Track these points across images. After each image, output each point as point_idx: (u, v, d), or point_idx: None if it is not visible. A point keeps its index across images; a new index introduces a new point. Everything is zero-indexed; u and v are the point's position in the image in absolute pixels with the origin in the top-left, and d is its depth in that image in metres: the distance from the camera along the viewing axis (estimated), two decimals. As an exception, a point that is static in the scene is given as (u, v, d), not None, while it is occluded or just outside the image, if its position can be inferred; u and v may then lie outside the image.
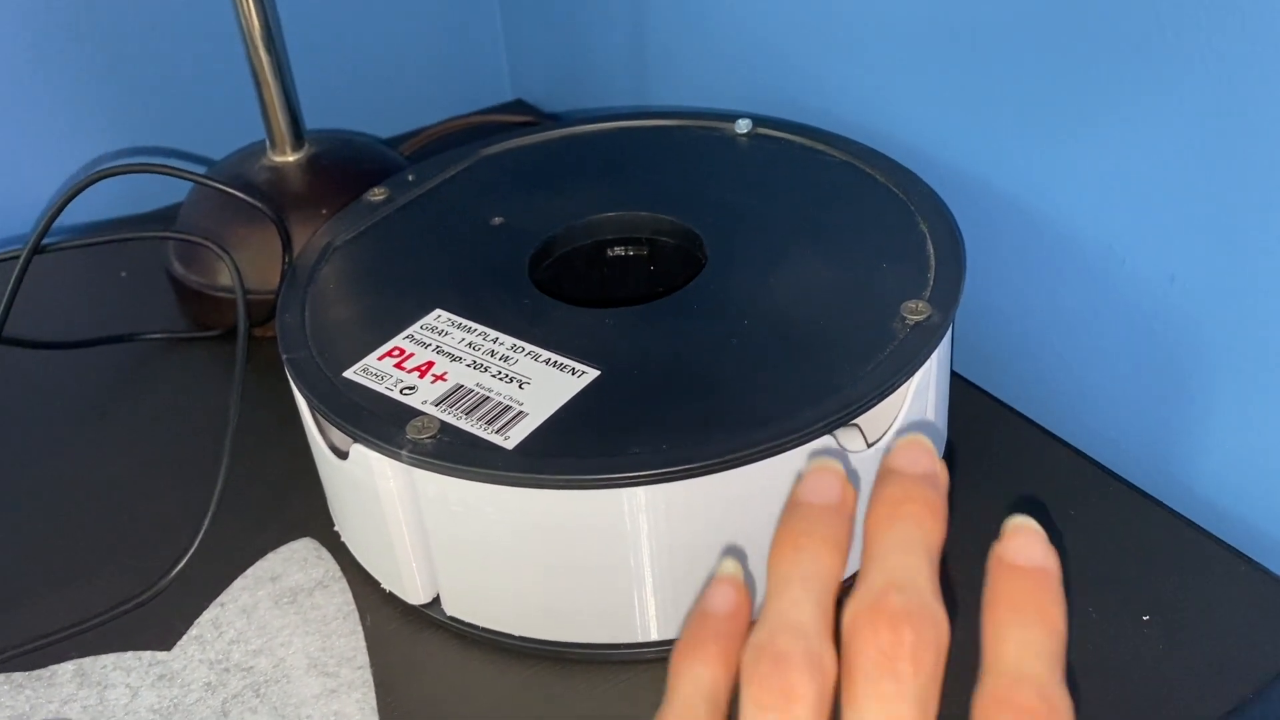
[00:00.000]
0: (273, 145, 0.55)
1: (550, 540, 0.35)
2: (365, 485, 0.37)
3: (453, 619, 0.39)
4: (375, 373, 0.37)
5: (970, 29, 0.44)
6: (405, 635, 0.39)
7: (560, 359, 0.37)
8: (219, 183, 0.49)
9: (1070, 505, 0.41)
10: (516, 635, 0.37)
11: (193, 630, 0.40)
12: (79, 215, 0.64)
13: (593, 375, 0.37)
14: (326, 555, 0.42)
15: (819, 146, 0.48)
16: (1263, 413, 0.39)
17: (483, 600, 0.38)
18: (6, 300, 0.45)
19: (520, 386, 0.36)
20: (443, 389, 0.37)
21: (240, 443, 0.43)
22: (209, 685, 0.38)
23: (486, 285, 0.42)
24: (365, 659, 0.38)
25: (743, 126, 0.49)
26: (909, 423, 0.37)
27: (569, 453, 0.34)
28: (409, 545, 0.38)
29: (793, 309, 0.39)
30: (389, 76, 0.71)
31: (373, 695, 0.37)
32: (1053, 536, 0.39)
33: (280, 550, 0.42)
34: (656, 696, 0.25)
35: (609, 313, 0.40)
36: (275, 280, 0.51)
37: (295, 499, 0.44)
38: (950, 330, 0.38)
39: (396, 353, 0.38)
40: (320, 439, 0.38)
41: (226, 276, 0.53)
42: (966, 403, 0.45)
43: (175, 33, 0.65)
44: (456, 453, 0.34)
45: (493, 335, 0.39)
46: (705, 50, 0.58)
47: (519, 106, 0.74)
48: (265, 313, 0.51)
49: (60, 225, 0.63)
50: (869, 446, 0.36)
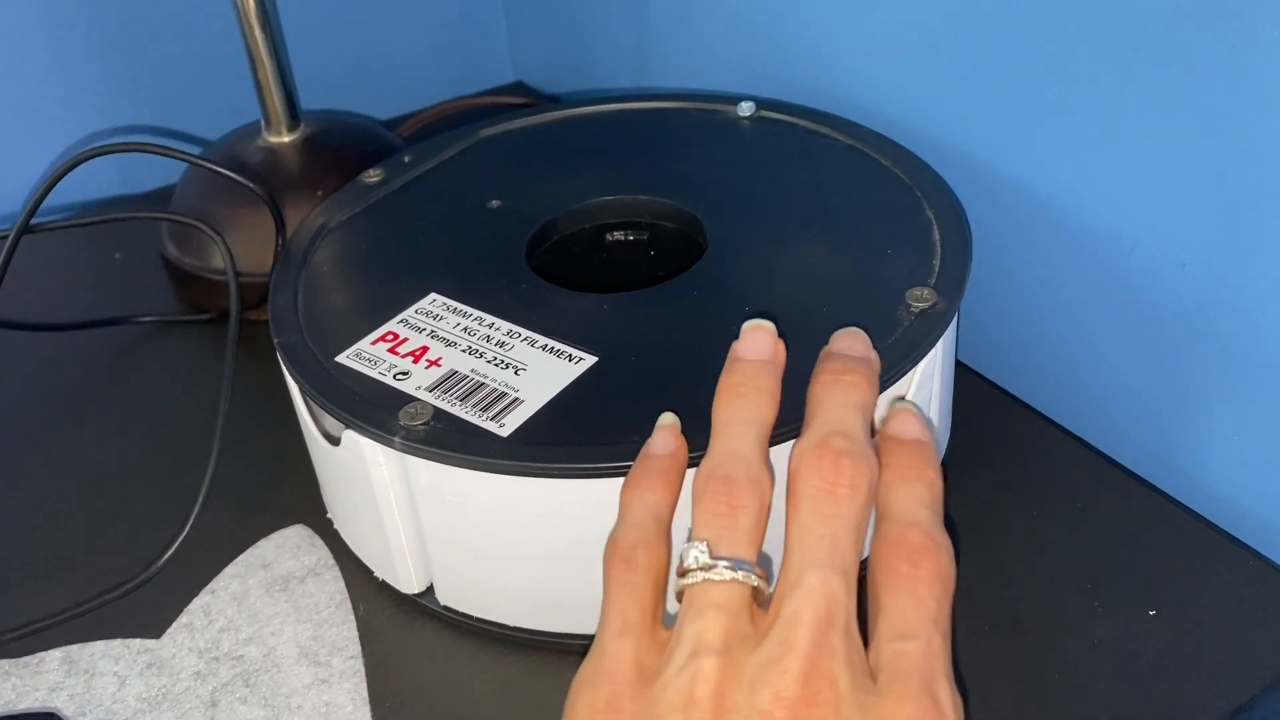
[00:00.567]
0: (268, 125, 0.54)
1: (546, 530, 0.34)
2: (357, 472, 0.36)
3: (446, 608, 0.38)
4: (368, 357, 0.37)
5: (978, 12, 0.43)
6: (398, 624, 0.38)
7: (557, 345, 0.37)
8: (211, 163, 0.48)
9: (1075, 498, 0.40)
10: (511, 625, 0.37)
11: (182, 618, 0.39)
12: (71, 195, 0.64)
13: (590, 361, 0.36)
14: (319, 542, 0.41)
15: (823, 130, 0.47)
16: (1273, 405, 0.39)
17: (477, 590, 0.37)
18: (-5, 281, 0.44)
19: (516, 373, 0.36)
20: (437, 374, 0.36)
21: (232, 428, 0.42)
22: (198, 674, 0.37)
23: (483, 269, 0.41)
24: (357, 648, 0.38)
25: (745, 109, 0.48)
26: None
27: (565, 440, 0.33)
28: (402, 533, 0.37)
29: (795, 295, 0.38)
30: (387, 57, 0.70)
31: (364, 685, 0.36)
32: (1057, 529, 0.39)
33: (272, 537, 0.42)
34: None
35: (607, 298, 0.39)
36: (269, 263, 0.51)
37: (287, 485, 0.44)
38: (956, 319, 0.37)
39: (390, 337, 0.38)
40: (312, 424, 0.38)
41: (220, 259, 0.52)
42: (970, 392, 0.44)
43: (169, 9, 0.64)
44: (451, 440, 0.34)
45: (488, 320, 0.38)
46: (708, 32, 0.58)
47: (519, 88, 0.73)
48: (259, 296, 0.50)
49: (52, 205, 0.62)
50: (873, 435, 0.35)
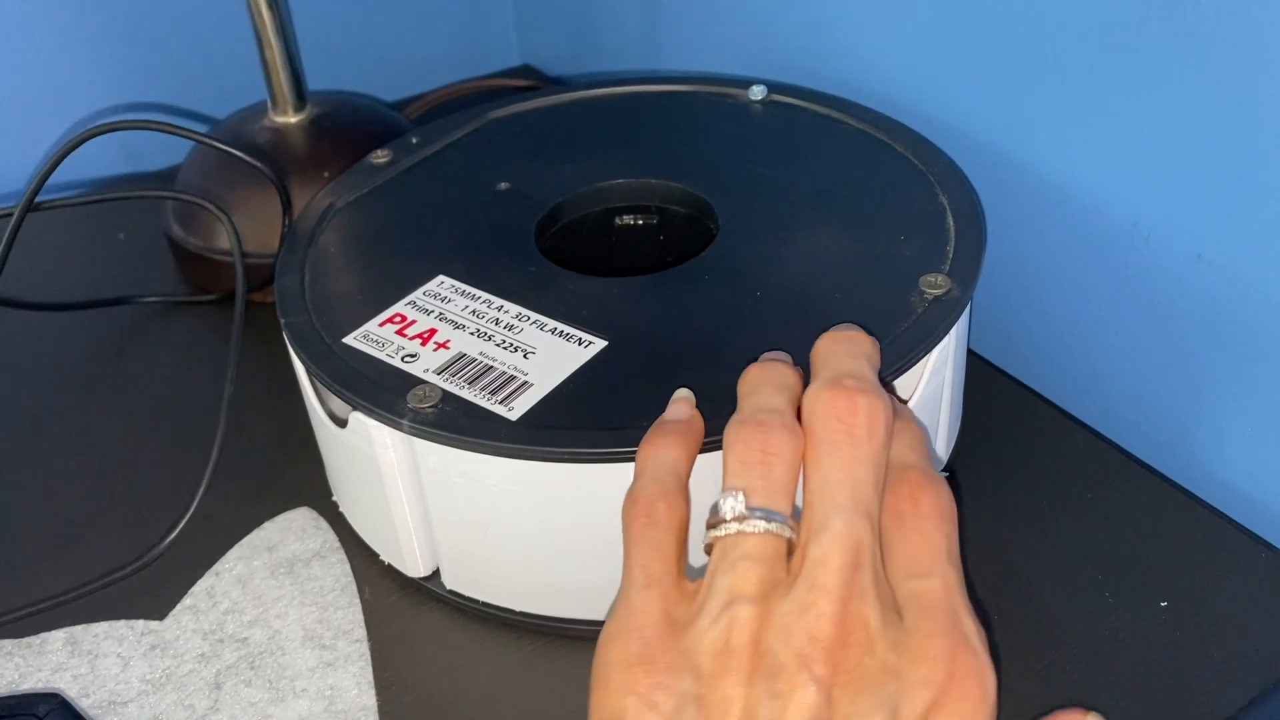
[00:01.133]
0: (274, 105, 0.54)
1: (554, 515, 0.34)
2: (364, 455, 0.36)
3: (452, 592, 0.38)
4: (376, 339, 0.36)
5: (994, -5, 0.43)
6: (404, 608, 0.38)
7: (566, 328, 0.36)
8: (218, 141, 0.48)
9: (1087, 488, 0.40)
10: (517, 611, 0.37)
11: (186, 600, 0.39)
12: (75, 174, 0.63)
13: (600, 346, 0.36)
14: (324, 525, 0.41)
15: (836, 115, 0.46)
16: (1287, 396, 0.38)
17: (483, 574, 0.37)
18: (-1, 259, 0.44)
19: (525, 356, 0.35)
20: (445, 357, 0.36)
21: (237, 410, 0.42)
22: (202, 656, 0.37)
23: (491, 252, 0.41)
24: (363, 632, 0.37)
25: (757, 93, 0.48)
26: (924, 398, 0.36)
27: (575, 425, 0.33)
28: (408, 517, 0.37)
29: (808, 281, 0.38)
30: (395, 38, 0.70)
31: (370, 669, 0.36)
32: (1067, 519, 0.39)
33: (277, 519, 0.41)
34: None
35: (617, 282, 0.38)
36: (275, 244, 0.50)
37: (293, 468, 0.43)
38: (969, 306, 0.37)
39: (398, 319, 0.37)
40: (319, 406, 0.37)
41: (225, 239, 0.52)
42: (981, 381, 0.44)
43: (176, -12, 0.63)
44: (459, 423, 0.33)
45: (497, 303, 0.38)
46: (718, 15, 0.57)
47: (526, 71, 0.73)
48: (265, 277, 0.50)
49: (56, 183, 0.61)
50: None
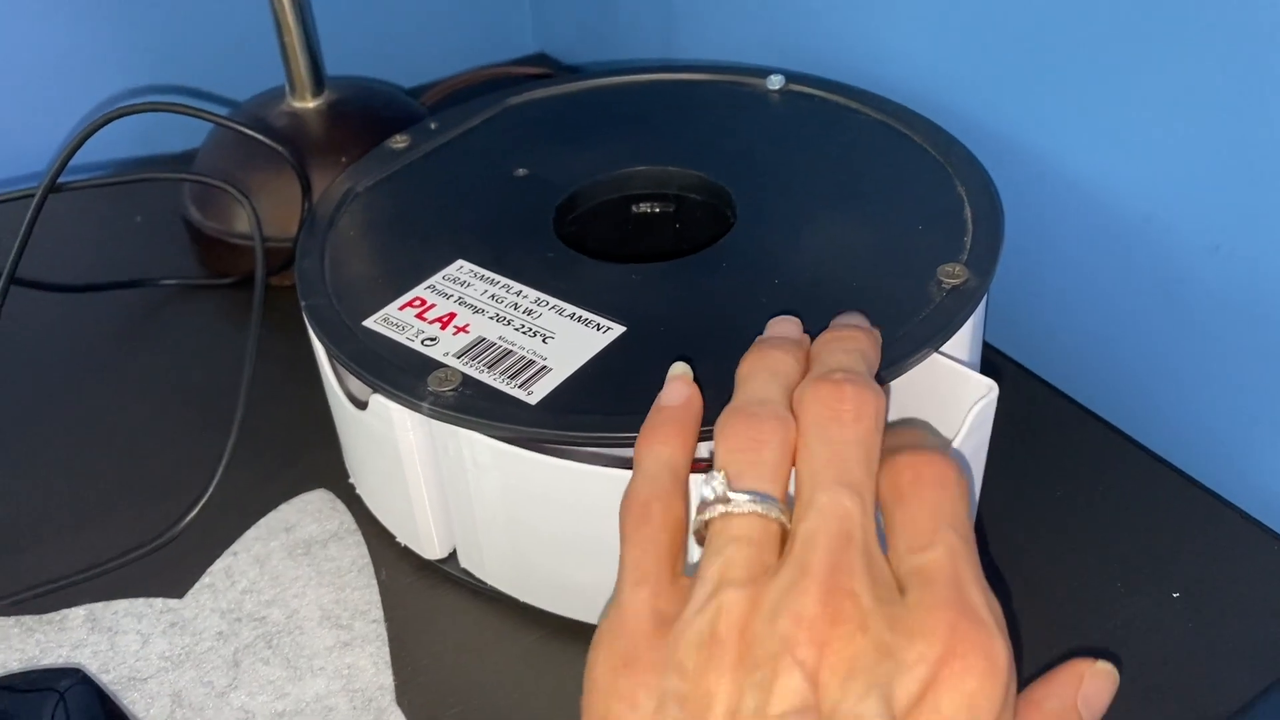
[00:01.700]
0: (292, 90, 0.54)
1: (565, 515, 0.34)
2: (384, 437, 0.36)
3: (467, 573, 0.38)
4: (396, 322, 0.37)
5: (1013, -13, 0.43)
6: (420, 590, 0.38)
7: (585, 314, 0.37)
8: (239, 124, 0.48)
9: (1100, 479, 0.40)
10: (522, 601, 0.37)
11: (204, 579, 0.39)
12: (90, 156, 0.63)
13: (618, 331, 0.36)
14: (341, 507, 0.42)
15: (853, 105, 0.46)
16: (1301, 390, 0.39)
17: (494, 563, 0.37)
18: (21, 239, 0.44)
19: (544, 341, 0.36)
20: (465, 341, 0.36)
21: (254, 393, 0.42)
22: (221, 634, 0.37)
23: (510, 237, 0.41)
24: (379, 613, 0.38)
25: (775, 83, 0.48)
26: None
27: (594, 409, 0.33)
28: (426, 499, 0.37)
29: (825, 269, 0.38)
30: (411, 25, 0.70)
31: (386, 649, 0.37)
32: (1080, 510, 0.39)
33: (294, 501, 0.42)
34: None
35: (635, 268, 0.39)
36: (294, 227, 0.51)
37: (309, 451, 0.44)
38: (986, 296, 0.37)
39: (418, 303, 0.37)
40: (338, 389, 0.38)
41: (243, 223, 0.52)
42: (995, 372, 0.44)
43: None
44: (479, 406, 0.33)
45: (516, 288, 0.38)
46: (735, 5, 0.57)
47: (541, 59, 0.73)
48: (283, 260, 0.50)
49: (73, 166, 0.62)
50: None
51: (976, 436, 0.34)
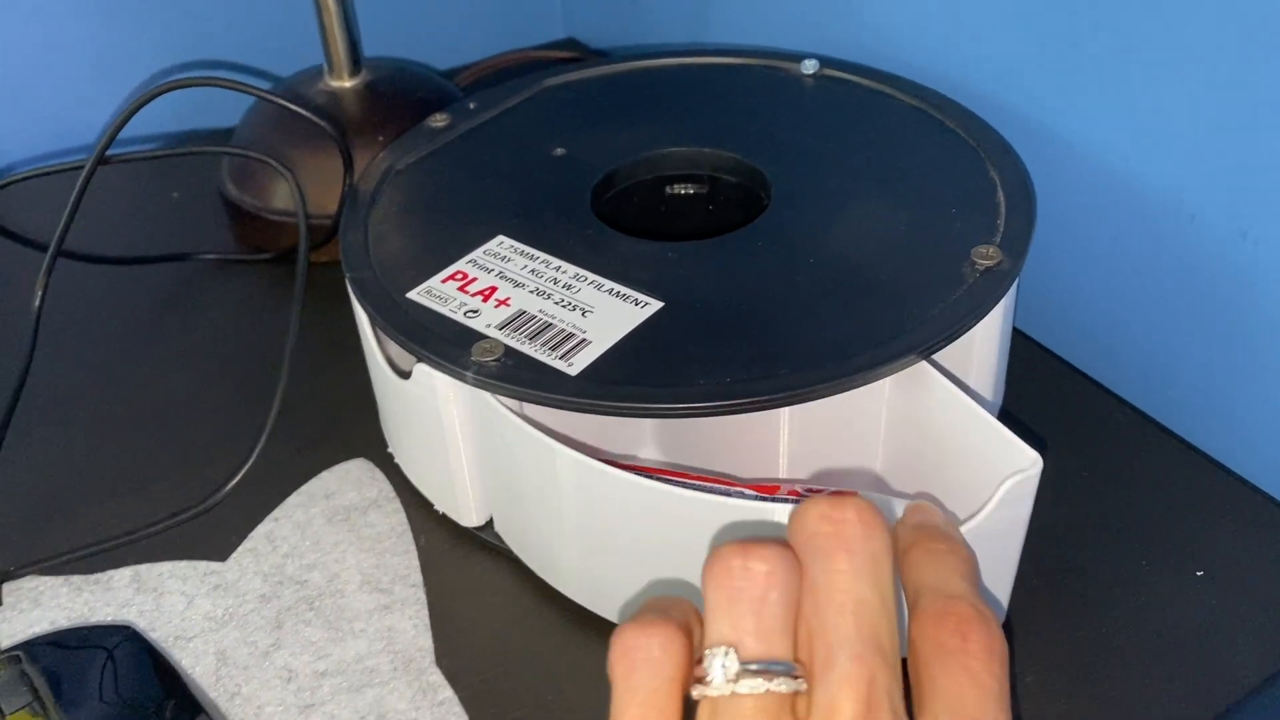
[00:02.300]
0: (330, 70, 0.55)
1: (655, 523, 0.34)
2: (426, 406, 0.37)
3: (503, 540, 0.39)
4: (439, 295, 0.38)
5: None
6: (458, 557, 0.39)
7: (623, 289, 0.37)
8: (289, 102, 0.49)
9: (1126, 462, 0.40)
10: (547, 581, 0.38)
11: (247, 543, 0.40)
12: (129, 131, 0.64)
13: (656, 307, 0.37)
14: (380, 476, 0.42)
15: (887, 90, 0.47)
16: (1326, 376, 0.39)
17: (523, 537, 0.38)
18: (69, 212, 0.45)
19: (583, 315, 0.36)
20: (506, 314, 0.37)
21: (294, 364, 0.43)
22: (263, 596, 0.38)
23: (548, 214, 0.42)
24: (419, 578, 0.39)
25: (809, 67, 0.49)
26: (983, 378, 0.37)
27: (633, 381, 0.34)
28: (465, 467, 0.38)
29: (859, 250, 0.38)
30: (443, 9, 0.71)
31: (426, 612, 0.37)
32: (1106, 490, 0.39)
33: (334, 469, 0.43)
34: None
35: (672, 246, 0.39)
36: (332, 204, 0.51)
37: (347, 422, 0.45)
38: (1018, 279, 0.38)
39: (459, 276, 0.38)
40: (381, 359, 0.39)
41: (281, 199, 0.53)
42: (1022, 356, 0.45)
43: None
44: (521, 376, 0.34)
45: (555, 263, 0.39)
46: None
47: (570, 45, 0.74)
48: (321, 236, 0.51)
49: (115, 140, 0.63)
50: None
51: (1008, 514, 0.31)
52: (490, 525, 0.39)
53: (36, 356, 0.45)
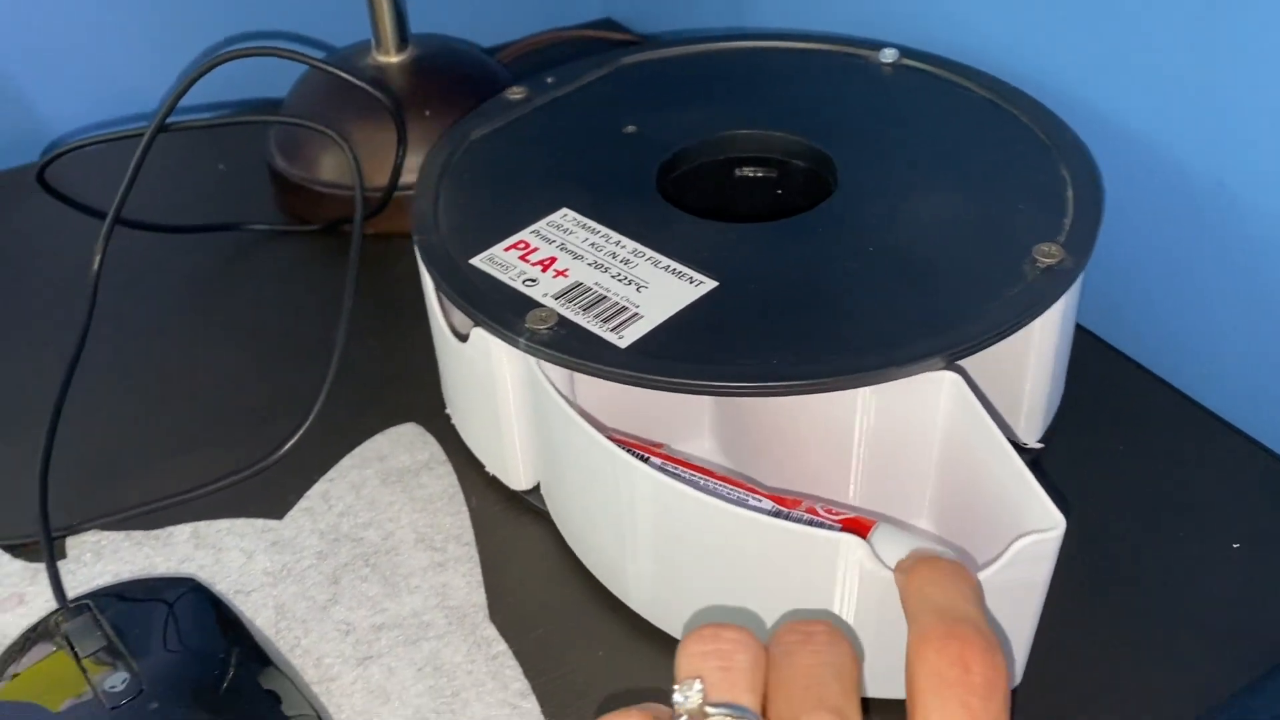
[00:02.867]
0: (378, 45, 0.56)
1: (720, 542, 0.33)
2: (481, 369, 0.38)
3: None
4: (500, 262, 0.39)
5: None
6: (508, 518, 0.41)
7: (679, 267, 0.38)
8: (345, 72, 0.50)
9: (1165, 438, 0.41)
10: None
11: (303, 503, 0.42)
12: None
13: (710, 286, 0.37)
14: (431, 440, 0.44)
15: (963, 82, 0.47)
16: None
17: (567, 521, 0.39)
18: (128, 180, 0.46)
19: (638, 289, 0.37)
20: (563, 284, 0.38)
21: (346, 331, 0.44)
22: (320, 553, 0.40)
23: (613, 190, 0.42)
24: (471, 537, 0.40)
25: (888, 56, 0.48)
26: (1040, 375, 0.38)
27: (681, 357, 0.34)
28: (516, 432, 0.39)
29: (920, 240, 0.38)
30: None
31: (479, 570, 0.39)
32: (1144, 464, 0.40)
33: (387, 432, 0.44)
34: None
35: (732, 227, 0.40)
36: (381, 176, 0.53)
37: (397, 387, 0.46)
38: (1081, 279, 0.37)
39: (521, 245, 0.39)
40: (442, 321, 0.40)
41: (328, 170, 0.54)
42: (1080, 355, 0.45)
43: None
44: (572, 346, 0.35)
45: (615, 238, 0.40)
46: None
47: (607, 25, 0.74)
48: (372, 208, 0.52)
49: (148, 111, 0.64)
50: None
51: (1020, 574, 0.30)
52: (538, 489, 0.41)
53: (94, 321, 0.46)
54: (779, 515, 0.34)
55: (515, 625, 0.37)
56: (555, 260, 0.39)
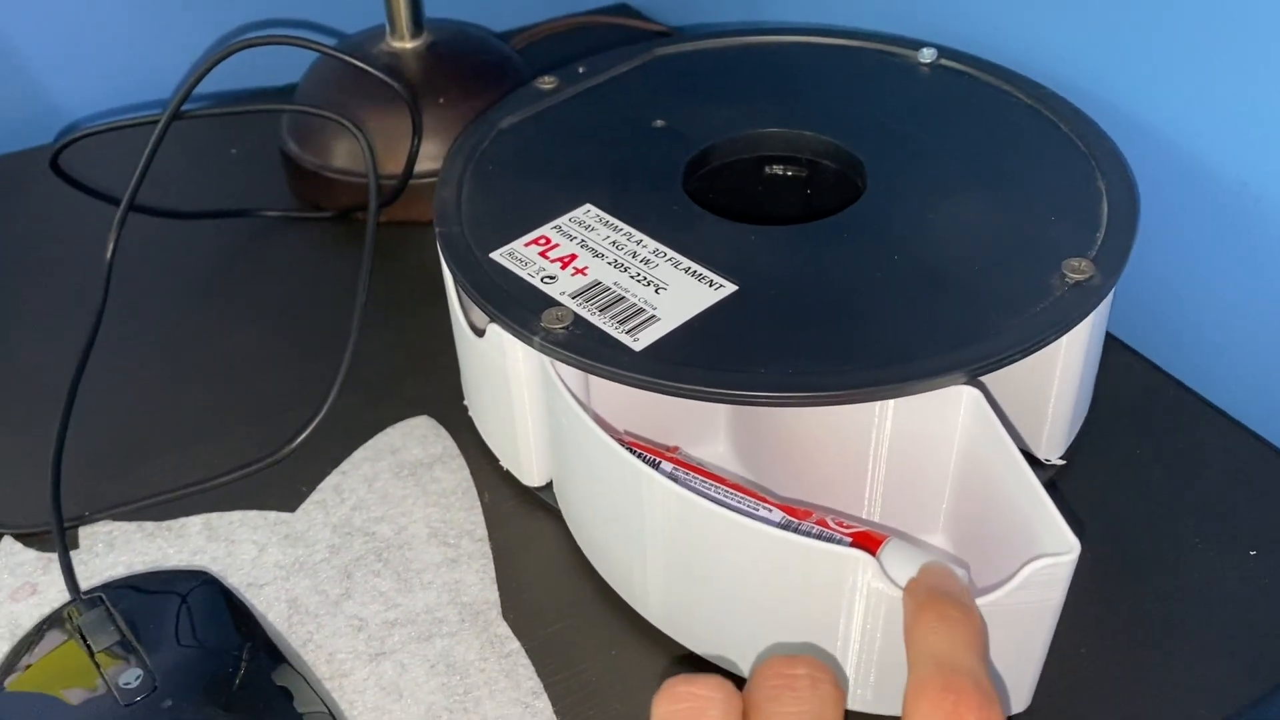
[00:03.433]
0: (392, 30, 0.55)
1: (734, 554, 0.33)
2: (496, 365, 0.38)
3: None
4: (520, 258, 0.38)
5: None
6: (521, 514, 0.40)
7: (700, 269, 0.38)
8: (359, 60, 0.50)
9: (1181, 441, 0.41)
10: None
11: (315, 495, 0.41)
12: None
13: (730, 290, 0.37)
14: (444, 433, 0.43)
15: (1003, 86, 0.45)
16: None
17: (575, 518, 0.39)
18: (142, 166, 0.46)
19: (657, 291, 0.37)
20: (582, 283, 0.37)
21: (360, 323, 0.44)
22: (333, 547, 0.40)
23: (639, 186, 0.42)
24: (484, 533, 0.40)
25: (926, 55, 0.47)
26: (1063, 393, 0.37)
27: (694, 363, 0.34)
28: (530, 428, 0.39)
29: (947, 249, 0.38)
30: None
31: (491, 566, 0.39)
32: (1163, 469, 0.40)
33: (399, 425, 0.44)
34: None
35: (756, 229, 0.39)
36: (395, 164, 0.52)
37: (409, 380, 0.46)
38: (1111, 295, 0.36)
39: (543, 241, 0.39)
40: (461, 314, 0.39)
41: (341, 158, 0.54)
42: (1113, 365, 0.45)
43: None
44: (586, 347, 0.35)
45: (637, 237, 0.39)
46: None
47: (623, 10, 0.74)
48: (386, 197, 0.52)
49: (159, 99, 0.63)
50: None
51: (1031, 598, 0.29)
52: (550, 486, 0.40)
53: (108, 308, 0.46)
54: (788, 526, 0.33)
55: (528, 623, 0.37)
56: (575, 257, 0.38)
